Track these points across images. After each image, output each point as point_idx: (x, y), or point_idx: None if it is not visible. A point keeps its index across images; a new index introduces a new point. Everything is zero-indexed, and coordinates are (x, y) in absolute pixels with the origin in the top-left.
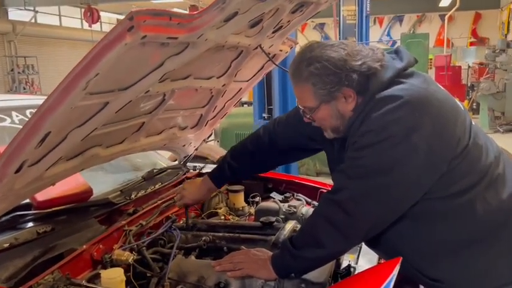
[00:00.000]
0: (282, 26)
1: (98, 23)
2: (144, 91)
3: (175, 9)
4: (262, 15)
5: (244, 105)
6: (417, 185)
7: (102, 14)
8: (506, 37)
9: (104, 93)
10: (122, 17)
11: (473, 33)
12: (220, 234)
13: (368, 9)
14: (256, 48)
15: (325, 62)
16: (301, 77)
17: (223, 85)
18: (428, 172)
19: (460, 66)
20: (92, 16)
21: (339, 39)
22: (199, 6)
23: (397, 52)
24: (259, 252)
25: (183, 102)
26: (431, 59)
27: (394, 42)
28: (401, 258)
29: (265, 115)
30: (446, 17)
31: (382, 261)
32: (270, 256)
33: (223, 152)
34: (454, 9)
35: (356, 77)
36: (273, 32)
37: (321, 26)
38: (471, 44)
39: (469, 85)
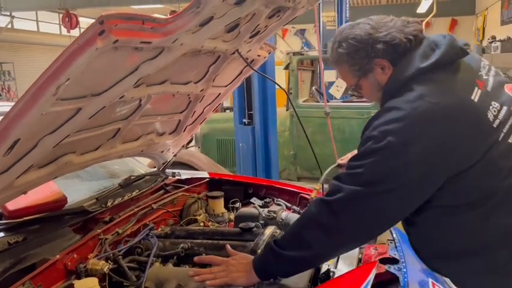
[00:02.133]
0: (259, 31)
1: (77, 29)
2: (119, 96)
3: (155, 15)
4: (238, 20)
5: (227, 111)
6: (409, 198)
7: (81, 19)
8: (481, 43)
9: (75, 99)
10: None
11: None
12: (199, 240)
13: (347, 16)
14: (234, 53)
15: (351, 41)
16: (337, 60)
17: (201, 90)
18: (422, 187)
19: None
20: (70, 21)
21: (320, 44)
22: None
23: (444, 38)
24: (241, 259)
25: (160, 108)
26: None
27: None
28: (377, 262)
29: (245, 120)
30: (424, 23)
31: (362, 264)
32: (252, 259)
33: (204, 158)
34: (431, 15)
35: (381, 47)
36: (250, 37)
37: (302, 32)
38: None
39: None
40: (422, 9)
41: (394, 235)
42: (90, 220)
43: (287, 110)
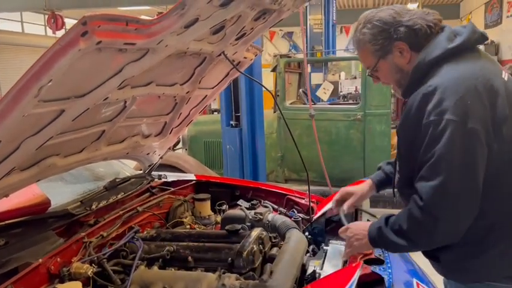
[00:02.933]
0: (245, 33)
1: (63, 30)
2: (103, 98)
3: (142, 17)
4: (224, 22)
5: (214, 113)
6: (483, 163)
7: (66, 20)
8: None
9: (58, 100)
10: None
11: None
12: (185, 243)
13: (334, 19)
14: (220, 55)
15: (376, 22)
16: (359, 40)
17: (187, 92)
18: (486, 149)
19: None
20: (55, 23)
21: (306, 47)
22: None
23: (465, 27)
24: (360, 230)
25: (145, 110)
26: None
27: None
28: (361, 263)
29: (232, 122)
30: None
31: (348, 265)
32: (368, 229)
33: (191, 160)
34: None
35: (404, 29)
36: (236, 39)
37: (289, 34)
38: None
39: None
40: None
41: None
42: (75, 223)
43: (274, 112)
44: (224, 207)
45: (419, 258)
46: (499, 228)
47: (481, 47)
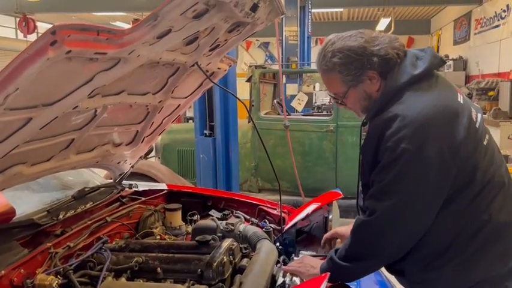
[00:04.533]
0: (219, 45)
1: (35, 34)
2: (72, 107)
3: (117, 23)
4: (197, 33)
5: (189, 121)
6: (439, 193)
7: (39, 24)
8: None
9: (26, 108)
10: (63, 23)
11: None
12: (154, 254)
13: (309, 31)
14: (193, 65)
15: (347, 52)
16: (327, 68)
17: (160, 101)
18: (444, 186)
19: None
20: (27, 26)
21: (282, 58)
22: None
23: (424, 51)
24: (312, 263)
25: (117, 118)
26: None
27: None
28: (328, 274)
29: (206, 132)
30: None
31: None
32: (320, 266)
33: (164, 168)
34: (389, 33)
35: (377, 60)
36: (210, 50)
37: (266, 44)
38: None
39: None
40: (381, 26)
41: None
42: (40, 233)
43: (249, 122)
44: (195, 217)
45: None
46: (455, 245)
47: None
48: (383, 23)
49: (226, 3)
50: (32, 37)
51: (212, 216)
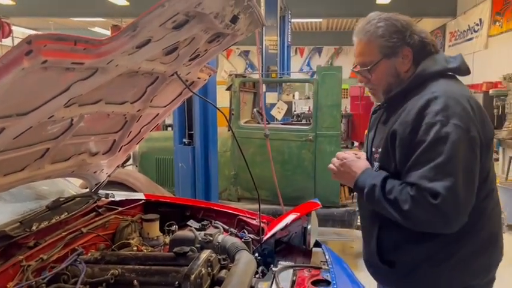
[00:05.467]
0: (199, 55)
1: (10, 38)
2: (47, 116)
3: (96, 29)
4: (177, 43)
5: (168, 128)
6: (478, 171)
7: (15, 28)
8: None
9: None
10: (39, 33)
11: None
12: (131, 266)
13: (289, 40)
14: (173, 75)
15: (393, 21)
16: (370, 32)
17: (138, 110)
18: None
19: None
20: (2, 30)
21: (262, 67)
22: (122, 26)
23: (455, 57)
24: (354, 167)
25: (93, 127)
26: (347, 89)
27: (314, 73)
28: (306, 286)
29: (185, 140)
30: None
31: (295, 286)
32: (360, 173)
33: (141, 177)
34: None
35: (417, 38)
36: (190, 60)
37: (246, 53)
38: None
39: None
40: None
41: (327, 257)
42: (12, 245)
43: (229, 130)
44: (173, 227)
45: (367, 279)
46: (458, 242)
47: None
48: None
49: (206, 15)
50: (7, 41)
51: (190, 226)
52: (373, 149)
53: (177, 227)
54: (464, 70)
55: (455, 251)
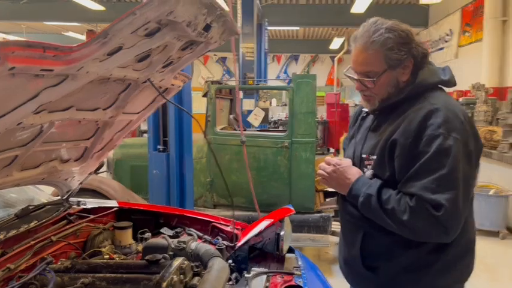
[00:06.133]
0: (172, 62)
1: None
2: (16, 123)
3: (69, 33)
4: (150, 50)
5: (144, 134)
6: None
7: None
8: None
9: None
10: (10, 37)
11: None
12: (102, 275)
13: (266, 48)
14: (146, 82)
15: (401, 32)
16: (378, 42)
17: (111, 117)
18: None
19: (347, 104)
20: None
21: (239, 74)
22: (97, 31)
23: (444, 69)
24: (347, 174)
25: (64, 134)
26: (323, 96)
27: (291, 80)
28: None
29: (160, 147)
30: (336, 58)
31: None
32: (355, 181)
33: (116, 184)
34: (342, 52)
35: (421, 50)
36: (163, 67)
37: (223, 59)
38: None
39: None
40: (334, 45)
41: (301, 263)
42: None
43: (205, 137)
44: (146, 235)
45: (342, 285)
46: (441, 249)
47: None
48: (337, 42)
49: (179, 23)
50: None
51: (164, 234)
52: (364, 156)
53: (150, 234)
54: (453, 83)
55: (439, 258)
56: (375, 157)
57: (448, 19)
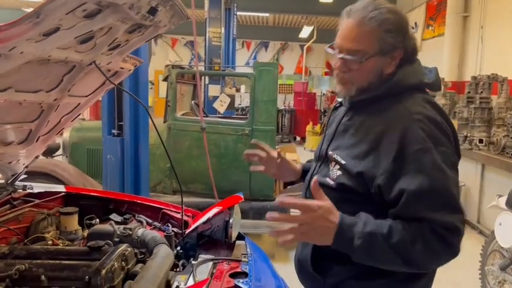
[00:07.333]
0: (119, 44)
1: None
2: None
3: (31, 9)
4: (92, 32)
5: None
6: None
7: None
8: None
9: None
10: None
11: (327, 64)
12: (40, 261)
13: (235, 33)
14: (91, 64)
15: (401, 19)
16: (374, 19)
17: (55, 99)
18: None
19: (315, 93)
20: None
21: (205, 59)
22: None
23: (430, 70)
24: (329, 217)
25: (5, 116)
26: (291, 85)
27: None
28: (209, 279)
29: (115, 131)
30: (305, 47)
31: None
32: (339, 223)
33: (71, 168)
34: (311, 41)
35: (412, 43)
36: (110, 50)
37: (192, 43)
38: (325, 73)
39: (322, 110)
40: (304, 34)
41: (249, 250)
42: None
43: (164, 122)
44: (94, 221)
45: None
46: None
47: None
48: (306, 31)
49: (120, 5)
50: None
51: (112, 220)
52: (330, 152)
53: (98, 220)
54: (437, 86)
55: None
56: (343, 162)
57: (413, 12)
